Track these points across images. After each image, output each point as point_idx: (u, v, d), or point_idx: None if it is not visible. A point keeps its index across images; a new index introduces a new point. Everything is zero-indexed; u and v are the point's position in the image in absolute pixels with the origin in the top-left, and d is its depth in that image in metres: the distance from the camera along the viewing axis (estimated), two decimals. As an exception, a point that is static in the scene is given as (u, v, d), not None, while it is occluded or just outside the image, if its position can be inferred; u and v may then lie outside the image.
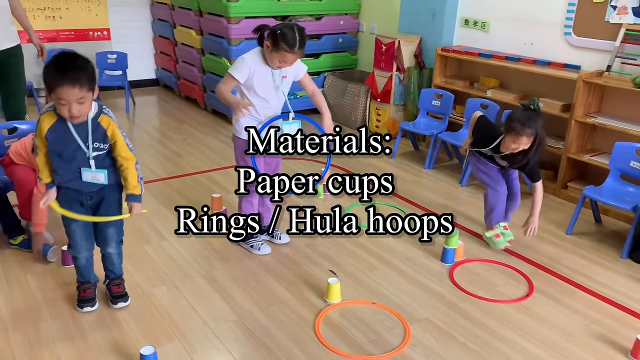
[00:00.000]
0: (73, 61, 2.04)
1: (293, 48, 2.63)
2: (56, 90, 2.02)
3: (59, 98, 2.03)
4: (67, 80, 2.00)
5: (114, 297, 2.52)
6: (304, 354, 2.28)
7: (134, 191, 2.34)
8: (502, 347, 2.36)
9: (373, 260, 3.04)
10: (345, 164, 4.53)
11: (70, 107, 2.04)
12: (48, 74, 2.03)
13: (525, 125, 2.81)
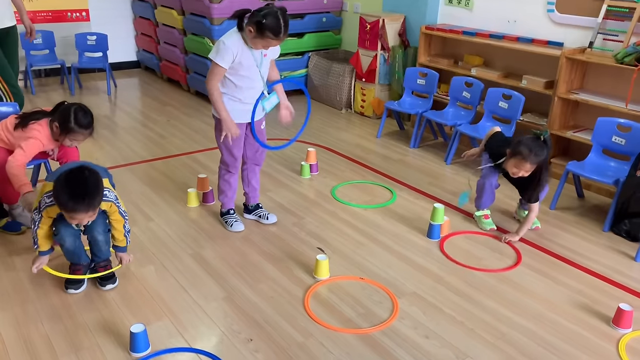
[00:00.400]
0: (87, 186, 2.13)
1: (278, 35, 2.61)
2: (70, 213, 2.15)
3: (72, 218, 2.18)
4: (83, 207, 2.13)
5: (102, 280, 2.51)
6: (294, 329, 2.30)
7: (120, 244, 2.49)
8: (487, 318, 2.41)
9: (360, 238, 3.06)
10: (330, 143, 4.53)
11: (81, 222, 2.24)
12: (61, 197, 2.11)
13: (532, 152, 2.80)
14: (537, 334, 2.32)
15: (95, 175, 2.17)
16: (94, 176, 2.17)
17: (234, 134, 2.82)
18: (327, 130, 4.89)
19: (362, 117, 5.29)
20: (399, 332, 2.30)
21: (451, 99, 4.41)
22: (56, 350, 2.13)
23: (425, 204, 3.47)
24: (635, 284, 2.70)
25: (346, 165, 4.11)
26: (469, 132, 4.01)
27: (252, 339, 2.23)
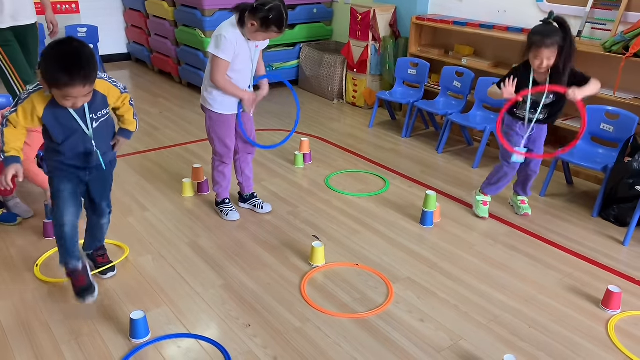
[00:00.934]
0: (80, 57, 1.85)
1: (282, 29, 2.68)
2: (63, 89, 1.87)
3: (66, 96, 1.90)
4: (78, 80, 1.86)
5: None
6: (291, 314, 2.34)
7: (129, 127, 2.30)
8: (480, 302, 2.46)
9: (355, 225, 3.10)
10: (323, 134, 4.56)
11: (76, 102, 1.94)
12: (52, 72, 1.85)
13: (544, 36, 2.68)
14: (528, 316, 2.37)
15: (87, 45, 1.91)
16: (86, 46, 1.90)
17: (251, 106, 2.90)
18: (320, 120, 4.92)
19: (354, 108, 5.32)
20: (394, 316, 2.35)
21: (442, 88, 4.45)
22: (56, 337, 2.16)
23: (417, 191, 3.51)
24: (624, 267, 2.77)
25: (339, 154, 4.14)
26: (460, 121, 4.05)
27: (250, 324, 2.27)
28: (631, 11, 3.59)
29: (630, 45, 3.36)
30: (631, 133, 3.23)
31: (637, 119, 3.24)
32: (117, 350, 2.10)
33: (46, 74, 1.88)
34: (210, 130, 3.00)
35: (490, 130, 3.90)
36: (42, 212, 3.03)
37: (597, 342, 2.23)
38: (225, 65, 2.74)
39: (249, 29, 2.68)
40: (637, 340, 2.25)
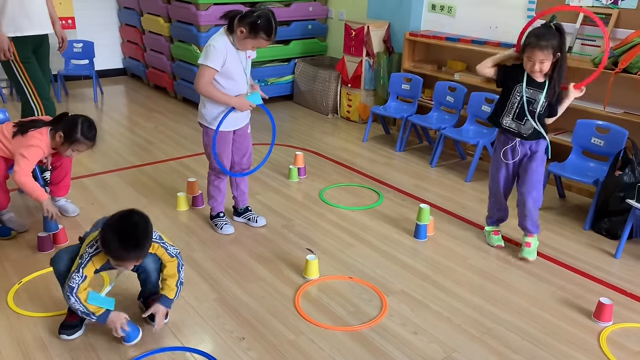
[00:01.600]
0: (137, 236, 1.99)
1: (270, 36, 2.70)
2: (118, 262, 2.03)
3: (120, 265, 2.05)
4: (132, 257, 2.02)
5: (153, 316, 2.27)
6: (285, 327, 2.34)
7: (168, 294, 2.24)
8: (473, 314, 2.47)
9: (349, 238, 3.12)
10: (318, 148, 4.59)
11: (127, 268, 2.09)
12: (108, 245, 1.97)
13: (539, 38, 2.59)
14: (521, 328, 2.39)
15: (146, 220, 2.04)
16: (144, 221, 2.03)
17: (247, 108, 2.87)
18: (314, 135, 4.96)
19: (349, 122, 5.36)
20: (388, 329, 2.35)
21: (435, 103, 4.50)
22: (50, 353, 2.15)
23: (411, 205, 3.54)
24: (616, 280, 2.79)
25: (333, 168, 4.17)
26: (453, 135, 4.09)
27: (244, 337, 2.27)
28: (619, 27, 3.65)
29: (619, 60, 3.42)
30: (621, 147, 3.27)
31: (627, 133, 3.29)
32: (110, 363, 2.10)
33: (104, 244, 1.99)
34: (206, 146, 3.02)
35: (483, 144, 3.94)
36: (37, 226, 3.03)
37: (589, 354, 2.24)
38: (210, 73, 2.76)
39: (238, 37, 2.72)
40: (628, 351, 2.26)
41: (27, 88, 3.38)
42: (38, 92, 3.40)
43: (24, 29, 3.30)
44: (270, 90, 5.66)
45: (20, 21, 3.28)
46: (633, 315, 2.51)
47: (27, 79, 3.36)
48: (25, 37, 3.32)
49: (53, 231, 2.89)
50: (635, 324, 2.43)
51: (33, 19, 3.34)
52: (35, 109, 3.39)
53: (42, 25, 3.43)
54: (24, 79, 3.36)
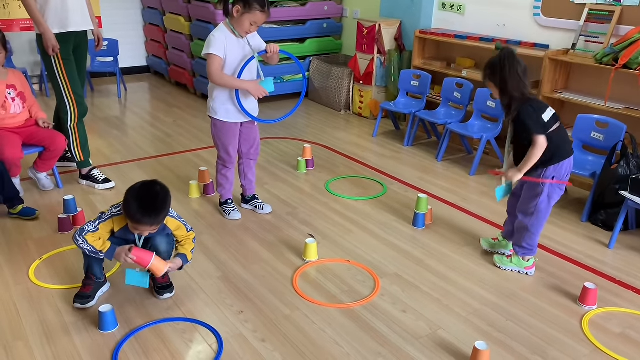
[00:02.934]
0: (155, 203, 2.21)
1: (264, 7, 2.82)
2: (134, 224, 2.24)
3: (136, 228, 2.25)
4: (147, 222, 2.21)
5: (160, 288, 2.51)
6: (282, 303, 2.50)
7: (186, 253, 2.46)
8: (462, 296, 2.59)
9: (349, 225, 3.26)
10: (328, 142, 4.74)
11: (142, 233, 2.30)
12: (128, 208, 2.20)
13: (484, 71, 2.61)
14: (507, 310, 2.50)
15: (166, 191, 2.27)
16: (165, 192, 2.26)
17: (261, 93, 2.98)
18: (326, 130, 5.11)
19: (360, 118, 5.50)
20: (378, 307, 2.49)
21: (443, 99, 4.61)
22: (67, 322, 2.35)
23: (413, 196, 3.64)
24: (606, 268, 2.87)
25: (342, 161, 4.31)
26: (458, 130, 4.20)
27: (243, 311, 2.44)
28: (622, 24, 3.71)
29: (620, 56, 3.48)
30: (618, 140, 3.33)
31: (625, 127, 3.35)
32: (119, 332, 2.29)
33: (125, 205, 2.22)
34: (215, 137, 3.20)
35: (487, 138, 4.04)
36: (58, 208, 3.25)
37: (571, 335, 2.34)
38: (218, 61, 2.89)
39: (235, 19, 2.85)
40: (608, 333, 2.35)
41: (63, 85, 3.51)
42: (73, 89, 3.54)
43: (68, 25, 3.39)
44: (285, 88, 5.84)
45: (64, 17, 3.36)
46: (618, 300, 2.59)
47: (65, 76, 3.48)
48: (68, 33, 3.41)
49: (73, 213, 3.11)
50: (618, 309, 2.52)
51: (76, 16, 3.42)
52: (69, 106, 3.55)
53: (85, 22, 3.52)
54: (62, 75, 3.49)
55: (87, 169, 3.70)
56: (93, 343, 2.22)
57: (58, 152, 3.47)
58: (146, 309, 2.43)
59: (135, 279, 2.37)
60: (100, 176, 3.70)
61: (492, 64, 2.57)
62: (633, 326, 2.40)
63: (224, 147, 3.18)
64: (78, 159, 3.66)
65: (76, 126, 3.62)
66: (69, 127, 3.60)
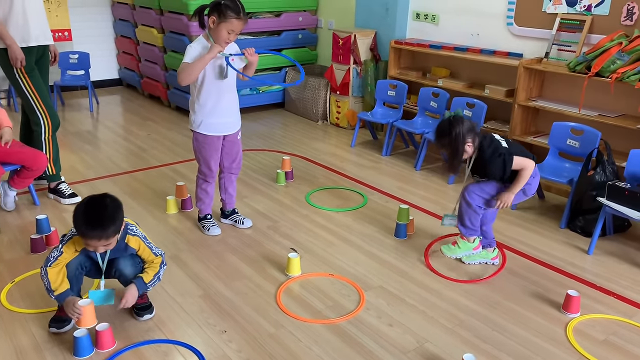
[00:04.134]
0: (101, 216, 2.11)
1: (239, 14, 2.78)
2: (84, 239, 2.16)
3: (87, 244, 2.17)
4: (94, 235, 2.11)
5: (139, 309, 2.43)
6: (266, 321, 2.45)
7: (145, 277, 2.31)
8: (447, 307, 2.58)
9: (331, 238, 3.23)
10: (306, 153, 4.71)
11: (96, 249, 2.19)
12: (76, 222, 2.12)
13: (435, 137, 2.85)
14: (492, 319, 2.49)
15: (116, 204, 2.17)
16: (115, 204, 2.16)
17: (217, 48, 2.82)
18: (304, 141, 5.08)
19: (338, 128, 5.49)
20: (364, 321, 2.46)
21: (420, 108, 4.63)
22: (39, 342, 2.26)
23: (394, 206, 3.65)
24: (587, 274, 2.90)
25: (321, 172, 4.29)
26: (436, 139, 4.22)
27: (226, 330, 2.38)
28: (593, 33, 3.79)
29: (592, 64, 3.55)
30: (594, 147, 3.39)
31: (600, 134, 3.41)
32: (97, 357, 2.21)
33: (73, 220, 2.13)
34: (196, 151, 3.14)
35: (464, 147, 4.06)
36: (30, 228, 3.14)
37: (556, 343, 2.34)
38: None
39: (213, 29, 2.81)
40: (593, 340, 2.37)
41: (32, 98, 3.45)
42: (43, 102, 3.49)
43: (29, 40, 3.37)
44: (262, 99, 5.80)
45: (25, 32, 3.34)
46: (600, 307, 2.61)
47: (32, 88, 3.44)
48: (29, 47, 3.38)
49: (46, 233, 3.01)
50: (601, 315, 2.54)
51: (36, 30, 3.40)
52: (42, 118, 3.48)
53: (45, 36, 3.50)
54: (29, 88, 3.44)
55: (56, 182, 3.61)
56: (70, 370, 2.13)
57: (39, 171, 3.35)
58: (126, 331, 2.35)
59: (100, 299, 2.30)
60: (68, 190, 3.62)
61: (441, 131, 2.78)
62: (616, 332, 2.42)
63: (205, 161, 3.12)
64: (50, 172, 3.58)
65: (50, 138, 3.55)
66: (42, 139, 3.52)
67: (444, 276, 2.83)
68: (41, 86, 3.50)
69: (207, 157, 3.10)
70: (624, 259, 3.06)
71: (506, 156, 2.75)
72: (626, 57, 3.42)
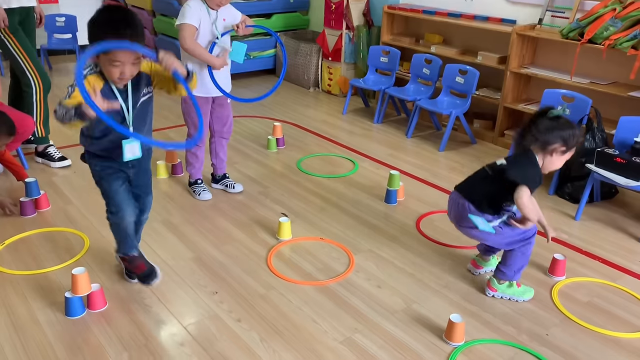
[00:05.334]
0: (129, 18, 1.85)
1: None
2: (111, 53, 1.81)
3: (114, 60, 1.82)
4: (126, 35, 1.79)
5: (145, 277, 2.31)
6: (256, 282, 2.48)
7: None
8: (435, 270, 2.62)
9: (322, 204, 3.25)
10: (298, 120, 4.69)
11: (124, 68, 1.85)
12: (99, 33, 1.79)
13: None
14: (479, 282, 2.53)
15: (134, 12, 1.93)
16: (134, 12, 1.92)
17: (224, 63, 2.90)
18: (295, 107, 5.05)
19: (329, 95, 5.45)
20: (353, 283, 2.49)
21: (412, 75, 4.60)
22: (32, 307, 2.27)
23: (385, 173, 3.66)
24: (573, 239, 2.94)
25: (312, 140, 4.28)
26: (427, 106, 4.21)
27: (217, 291, 2.41)
28: (587, 0, 3.75)
29: (585, 31, 3.53)
30: (584, 114, 3.40)
31: (591, 101, 3.41)
32: (89, 316, 2.23)
33: (94, 37, 1.82)
34: (185, 114, 3.12)
35: (455, 114, 4.06)
36: (19, 191, 3.13)
37: (541, 305, 2.39)
38: (191, 30, 2.81)
39: None
40: (577, 302, 2.42)
41: (21, 59, 3.40)
42: (32, 62, 3.43)
43: (11, 1, 3.29)
44: (253, 65, 5.73)
45: None
46: (586, 270, 2.66)
47: (20, 49, 3.38)
48: (11, 9, 3.31)
49: (35, 196, 3.00)
50: (586, 278, 2.59)
51: None
52: (32, 79, 3.43)
53: None
54: (17, 49, 3.37)
55: (44, 146, 3.58)
56: (63, 330, 2.15)
57: (26, 135, 3.30)
58: (117, 292, 2.37)
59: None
60: (57, 154, 3.60)
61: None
62: (599, 295, 2.48)
63: (194, 124, 3.10)
64: (39, 134, 3.55)
65: (42, 99, 3.50)
66: (33, 100, 3.47)
67: (434, 240, 2.87)
68: (29, 47, 3.44)
69: (195, 121, 3.08)
70: (610, 225, 3.10)
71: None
72: (619, 23, 3.40)
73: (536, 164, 2.27)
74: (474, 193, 2.33)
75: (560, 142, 2.24)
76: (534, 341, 2.17)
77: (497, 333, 2.21)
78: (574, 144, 2.28)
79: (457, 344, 2.12)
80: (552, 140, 2.24)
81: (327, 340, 2.13)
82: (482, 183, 2.34)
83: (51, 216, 2.99)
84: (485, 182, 2.33)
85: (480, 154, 4.06)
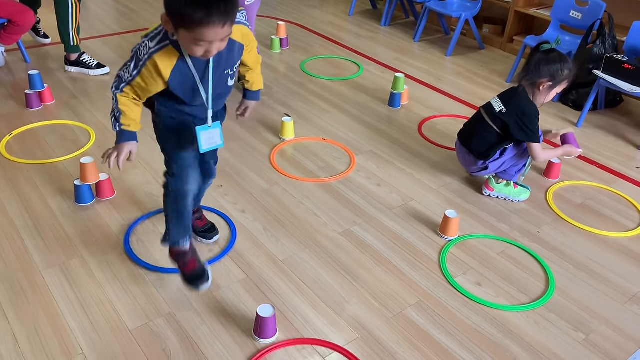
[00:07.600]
0: None
1: None
2: (196, 30, 1.40)
3: (199, 39, 1.43)
4: (215, 18, 1.39)
5: (205, 232, 2.14)
6: (260, 178, 2.55)
7: (258, 84, 1.89)
8: (434, 172, 2.68)
9: (326, 106, 3.25)
10: (302, 20, 4.57)
11: (210, 47, 1.46)
12: (182, 5, 1.38)
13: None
14: (476, 183, 2.60)
15: None
16: None
17: None
18: (300, 7, 4.90)
19: (336, -3, 5.27)
20: (354, 181, 2.56)
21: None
22: (41, 191, 2.36)
23: (390, 77, 3.61)
24: (572, 146, 2.97)
25: (317, 41, 4.19)
26: (438, 8, 4.08)
27: (222, 185, 2.48)
28: None
29: None
30: (596, 19, 3.30)
31: (605, 5, 3.30)
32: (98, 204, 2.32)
33: (174, 10, 1.41)
34: None
35: (465, 17, 3.94)
36: (24, 84, 3.12)
37: (535, 205, 2.47)
38: None
39: None
40: (570, 204, 2.50)
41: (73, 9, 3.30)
42: None
43: None
44: None
45: None
46: (582, 174, 2.72)
47: None
48: None
49: (39, 89, 3.00)
50: (581, 182, 2.65)
51: None
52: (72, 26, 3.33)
53: None
54: None
55: (77, 54, 3.47)
56: (74, 215, 2.25)
57: (25, 27, 3.25)
58: (124, 182, 2.45)
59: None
60: (93, 61, 3.46)
61: None
62: (593, 197, 2.55)
63: None
64: (73, 42, 3.39)
65: (78, 6, 3.33)
66: (69, 4, 3.27)
67: (435, 143, 2.90)
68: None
69: None
70: (610, 132, 3.13)
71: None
72: None
73: (530, 101, 2.34)
74: (478, 144, 2.41)
75: (547, 77, 2.28)
76: (525, 237, 2.26)
77: (490, 229, 2.30)
78: (562, 79, 2.30)
79: (450, 238, 2.22)
80: (540, 75, 2.28)
81: (326, 231, 2.23)
82: (483, 132, 2.40)
83: (56, 109, 3.02)
84: (486, 130, 2.40)
85: (488, 60, 3.99)
